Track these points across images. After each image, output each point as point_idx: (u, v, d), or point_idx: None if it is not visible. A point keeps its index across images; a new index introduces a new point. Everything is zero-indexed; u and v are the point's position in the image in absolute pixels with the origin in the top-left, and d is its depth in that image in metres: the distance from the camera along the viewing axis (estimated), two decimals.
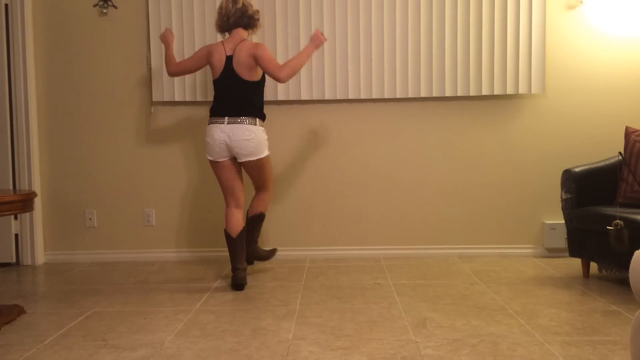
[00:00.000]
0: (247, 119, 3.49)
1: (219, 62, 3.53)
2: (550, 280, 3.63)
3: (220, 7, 3.58)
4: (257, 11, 3.63)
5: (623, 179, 3.62)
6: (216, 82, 3.57)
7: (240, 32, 3.58)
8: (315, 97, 4.25)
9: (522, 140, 4.30)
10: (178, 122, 4.36)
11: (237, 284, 3.50)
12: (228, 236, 3.56)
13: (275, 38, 4.22)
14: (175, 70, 3.72)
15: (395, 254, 4.36)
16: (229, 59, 3.51)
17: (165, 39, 3.84)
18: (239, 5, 3.54)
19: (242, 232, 3.57)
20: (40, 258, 4.38)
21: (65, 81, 4.36)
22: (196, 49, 4.21)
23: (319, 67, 4.22)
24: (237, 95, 3.51)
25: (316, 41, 3.57)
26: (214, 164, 3.59)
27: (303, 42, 4.20)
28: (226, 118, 3.49)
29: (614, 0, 4.19)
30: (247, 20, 3.57)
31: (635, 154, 3.58)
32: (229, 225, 3.58)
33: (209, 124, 3.55)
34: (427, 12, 4.19)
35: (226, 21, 3.56)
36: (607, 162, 3.77)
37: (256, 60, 3.49)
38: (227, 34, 3.64)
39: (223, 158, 3.55)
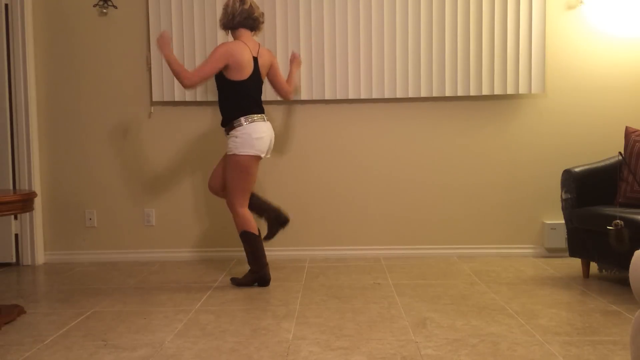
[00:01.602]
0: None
1: (249, 63, 3.50)
2: (550, 280, 3.63)
3: (227, 5, 3.54)
4: (262, 14, 3.63)
5: (623, 179, 3.62)
6: (245, 82, 3.49)
7: (249, 34, 3.59)
8: (315, 97, 4.25)
9: (522, 140, 4.30)
10: (178, 122, 4.36)
11: (268, 280, 3.60)
12: (253, 235, 3.55)
13: (275, 38, 4.22)
14: (197, 79, 3.40)
15: (395, 254, 4.36)
16: (255, 60, 3.55)
17: (166, 42, 3.45)
18: (247, 6, 3.52)
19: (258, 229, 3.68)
20: (40, 258, 4.38)
21: (65, 81, 4.36)
22: (196, 49, 4.21)
23: (319, 67, 4.22)
24: (260, 95, 3.64)
25: (298, 63, 3.86)
26: (255, 161, 3.53)
27: (303, 42, 4.20)
28: (264, 116, 3.60)
29: (614, 0, 4.19)
30: (252, 22, 3.56)
31: (635, 154, 3.58)
32: (253, 225, 3.57)
33: (253, 122, 3.48)
34: (427, 12, 4.19)
35: (231, 20, 3.54)
36: (607, 162, 3.77)
37: (270, 70, 3.72)
38: (229, 32, 3.63)
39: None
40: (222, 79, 3.52)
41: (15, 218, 4.33)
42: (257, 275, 3.57)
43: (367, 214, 4.36)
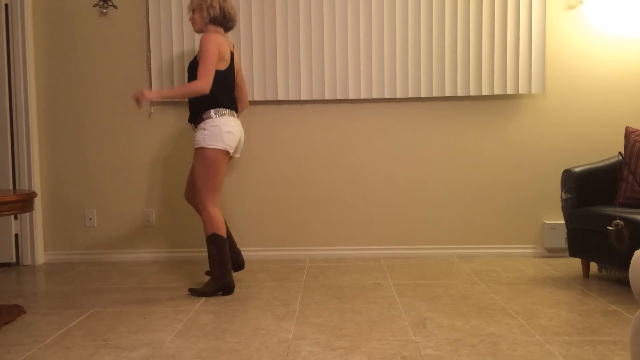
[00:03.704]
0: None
1: (227, 54, 3.46)
2: (550, 280, 3.63)
3: (229, 8, 3.48)
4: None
5: (623, 179, 3.62)
6: (224, 72, 3.42)
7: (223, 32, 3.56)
8: (315, 97, 4.25)
9: (522, 140, 4.30)
10: (178, 122, 4.36)
11: (232, 288, 3.41)
12: (222, 239, 3.37)
13: (275, 38, 4.22)
14: (209, 80, 3.30)
15: (395, 254, 4.36)
16: (232, 54, 3.53)
17: (149, 96, 3.29)
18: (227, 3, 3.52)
19: None
20: (40, 258, 4.38)
21: (65, 81, 4.36)
22: (197, 49, 4.21)
23: (319, 67, 4.22)
24: (233, 91, 3.56)
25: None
26: (225, 157, 3.38)
27: (302, 42, 4.20)
28: (234, 112, 3.51)
29: (614, 0, 4.19)
30: (232, 23, 3.54)
31: (635, 154, 3.58)
32: (223, 228, 3.40)
33: (223, 116, 3.38)
34: (427, 12, 4.19)
35: (228, 21, 3.50)
36: (607, 162, 3.77)
37: (237, 75, 3.65)
38: (215, 27, 3.49)
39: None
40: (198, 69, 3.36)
41: (15, 218, 4.33)
42: (221, 282, 3.36)
43: (367, 214, 4.36)
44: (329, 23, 4.21)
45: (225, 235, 3.40)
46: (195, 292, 3.39)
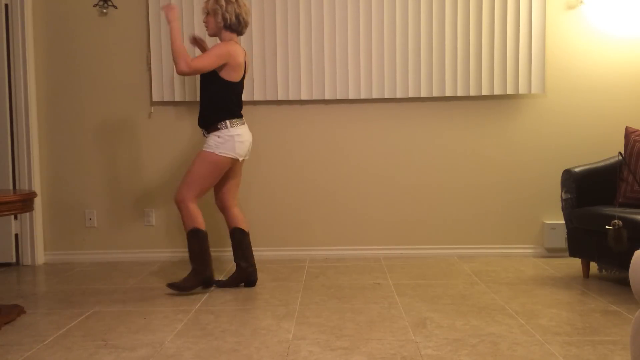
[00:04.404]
0: None
1: (242, 65, 3.49)
2: (550, 280, 3.63)
3: (227, 5, 3.42)
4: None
5: (623, 179, 3.62)
6: (238, 84, 3.49)
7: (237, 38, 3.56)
8: (315, 97, 4.25)
9: (522, 141, 4.30)
10: (178, 122, 4.36)
11: (213, 281, 3.50)
12: (203, 233, 3.42)
13: (275, 38, 4.22)
14: (196, 68, 3.32)
15: (395, 254, 4.36)
16: (245, 64, 3.53)
17: (177, 15, 3.37)
18: (242, 9, 3.50)
19: None
20: (40, 258, 4.38)
21: (65, 81, 4.36)
22: (196, 50, 4.21)
23: (319, 67, 4.22)
24: (241, 98, 3.60)
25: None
26: (231, 163, 3.46)
27: (302, 42, 4.20)
28: (244, 120, 3.57)
29: (614, 0, 4.19)
30: (243, 27, 3.53)
31: (635, 154, 3.58)
32: (201, 221, 3.45)
33: (237, 126, 3.45)
34: (427, 12, 4.19)
35: (242, 27, 3.51)
36: (607, 162, 3.77)
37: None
38: (230, 34, 3.48)
39: None
40: (215, 78, 3.42)
41: (15, 218, 4.33)
42: (202, 276, 3.42)
43: (367, 214, 4.36)
44: (329, 23, 4.21)
45: (204, 228, 3.45)
46: (174, 287, 3.39)
